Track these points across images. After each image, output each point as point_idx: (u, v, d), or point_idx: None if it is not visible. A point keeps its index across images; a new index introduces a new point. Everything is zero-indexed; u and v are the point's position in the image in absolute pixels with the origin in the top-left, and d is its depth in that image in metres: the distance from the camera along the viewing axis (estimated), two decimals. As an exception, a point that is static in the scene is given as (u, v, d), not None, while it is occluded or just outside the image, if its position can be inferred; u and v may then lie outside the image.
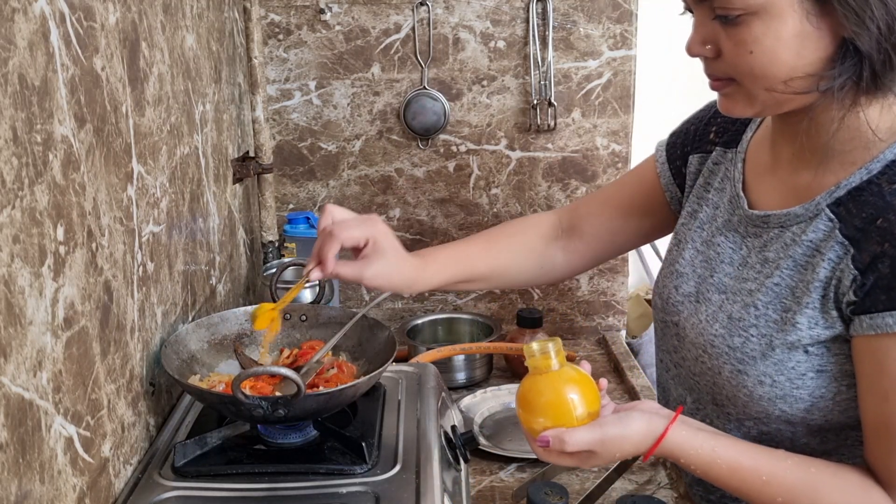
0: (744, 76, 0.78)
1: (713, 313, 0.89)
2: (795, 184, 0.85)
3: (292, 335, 1.06)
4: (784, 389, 0.82)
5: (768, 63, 0.75)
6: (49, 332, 0.65)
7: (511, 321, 1.63)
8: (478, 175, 1.65)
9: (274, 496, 0.79)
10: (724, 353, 0.86)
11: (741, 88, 0.79)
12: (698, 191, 0.98)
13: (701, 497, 1.00)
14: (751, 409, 0.85)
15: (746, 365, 0.84)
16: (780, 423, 0.85)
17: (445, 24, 1.56)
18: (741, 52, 0.76)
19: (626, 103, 1.61)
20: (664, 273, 0.99)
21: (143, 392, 0.89)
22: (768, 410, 0.84)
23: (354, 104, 1.60)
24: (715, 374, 0.88)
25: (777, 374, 0.82)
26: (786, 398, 0.82)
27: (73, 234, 0.70)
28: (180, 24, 1.07)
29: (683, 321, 0.93)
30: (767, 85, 0.77)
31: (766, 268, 0.85)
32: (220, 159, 1.29)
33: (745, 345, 0.84)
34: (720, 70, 0.80)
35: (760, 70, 0.76)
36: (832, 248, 0.79)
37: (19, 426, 0.60)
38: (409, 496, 0.79)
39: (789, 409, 0.83)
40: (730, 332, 0.86)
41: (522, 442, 1.22)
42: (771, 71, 0.76)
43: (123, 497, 0.80)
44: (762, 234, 0.87)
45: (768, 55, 0.75)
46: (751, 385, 0.84)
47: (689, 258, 0.95)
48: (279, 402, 0.80)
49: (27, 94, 0.61)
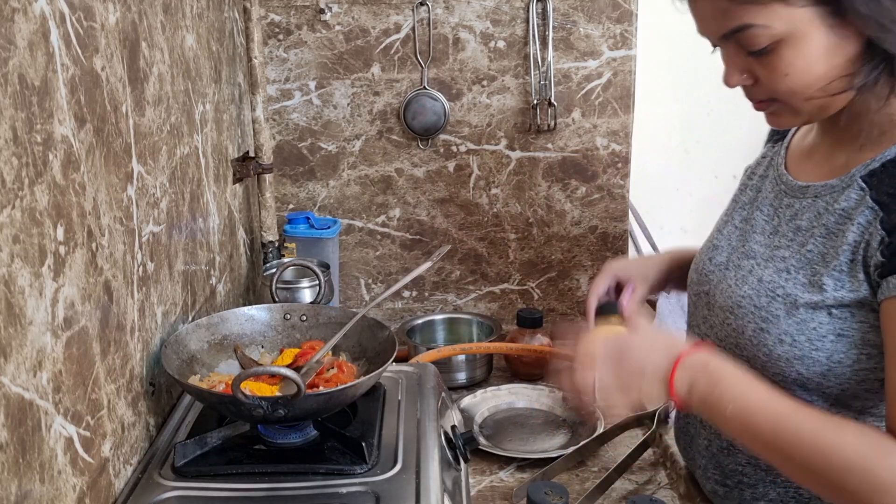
0: (784, 95, 0.82)
1: (743, 277, 0.92)
2: (833, 164, 0.89)
3: (292, 335, 1.06)
4: (803, 350, 0.84)
5: (805, 79, 0.80)
6: (49, 332, 0.65)
7: (511, 321, 1.63)
8: (478, 175, 1.65)
9: (274, 496, 0.79)
10: (749, 313, 0.89)
11: (784, 105, 0.84)
12: (745, 179, 1.04)
13: (716, 482, 0.99)
14: (768, 370, 0.86)
15: (769, 323, 0.86)
16: (795, 387, 0.85)
17: (445, 24, 1.56)
18: (777, 76, 0.80)
19: (626, 103, 1.61)
20: (702, 250, 1.04)
21: (143, 392, 0.89)
22: (785, 372, 0.85)
23: (354, 104, 1.60)
24: (738, 335, 0.90)
25: (798, 334, 0.84)
26: (803, 359, 0.84)
27: (73, 234, 0.70)
28: (180, 24, 1.07)
29: (713, 288, 0.97)
30: (807, 96, 0.81)
31: (799, 235, 0.88)
32: (220, 159, 1.29)
33: (771, 304, 0.86)
34: (761, 94, 0.85)
35: (799, 87, 0.80)
36: (862, 213, 0.81)
37: (19, 426, 0.60)
38: (409, 496, 0.79)
39: (806, 371, 0.84)
40: (757, 293, 0.88)
41: (522, 442, 1.22)
42: (808, 84, 0.80)
43: (123, 497, 0.80)
44: (794, 203, 0.91)
45: (803, 73, 0.79)
46: (771, 344, 0.86)
47: (727, 233, 1.00)
48: (279, 402, 0.80)
49: (27, 94, 0.61)
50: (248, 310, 1.06)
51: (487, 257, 1.70)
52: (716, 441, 0.99)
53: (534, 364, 1.44)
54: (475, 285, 1.72)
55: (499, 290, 1.72)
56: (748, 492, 0.95)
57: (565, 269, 1.70)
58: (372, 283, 1.71)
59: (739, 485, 0.96)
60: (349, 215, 1.67)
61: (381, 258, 1.70)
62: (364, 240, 1.69)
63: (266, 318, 1.06)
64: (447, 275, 1.71)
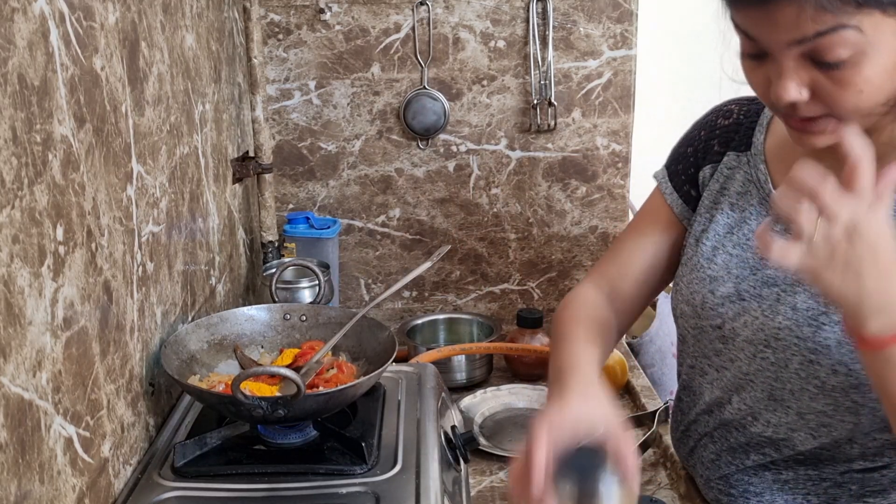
0: (847, 112, 0.74)
1: (771, 306, 0.87)
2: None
3: (292, 335, 1.06)
4: (860, 378, 0.80)
5: (877, 97, 0.73)
6: (49, 332, 0.65)
7: (511, 321, 1.63)
8: (478, 175, 1.65)
9: (274, 496, 0.79)
10: (791, 345, 0.84)
11: (837, 123, 0.75)
12: (713, 196, 0.96)
13: (720, 491, 0.97)
14: (818, 401, 0.83)
15: (819, 354, 0.82)
16: (844, 414, 0.83)
17: (445, 23, 1.56)
18: (850, 92, 0.72)
19: (626, 103, 1.61)
20: (690, 280, 0.96)
21: (142, 392, 0.89)
22: (839, 401, 0.82)
23: (354, 104, 1.60)
24: (780, 369, 0.86)
25: (852, 363, 0.80)
26: (860, 387, 0.81)
27: (73, 234, 0.70)
28: (180, 24, 1.07)
29: (729, 322, 0.91)
30: (867, 113, 0.74)
31: None
32: (220, 159, 1.29)
33: (817, 334, 0.82)
34: (815, 110, 0.75)
35: (867, 104, 0.73)
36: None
37: (19, 426, 0.60)
38: (409, 496, 0.79)
39: (861, 399, 0.81)
40: (797, 324, 0.84)
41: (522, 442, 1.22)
42: (878, 102, 0.73)
43: (123, 497, 0.80)
44: None
45: (877, 89, 0.72)
46: (823, 375, 0.82)
47: (723, 262, 0.92)
48: (279, 402, 0.80)
49: (27, 93, 0.61)
50: (247, 310, 1.06)
51: (487, 257, 1.70)
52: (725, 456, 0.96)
53: (534, 364, 1.44)
54: (475, 285, 1.72)
55: (499, 290, 1.72)
56: (754, 500, 0.93)
57: (565, 269, 1.70)
58: (372, 284, 1.71)
59: (745, 493, 0.94)
60: (349, 215, 1.67)
61: (380, 258, 1.70)
62: (364, 240, 1.69)
63: (266, 318, 1.06)
64: (447, 275, 1.71)
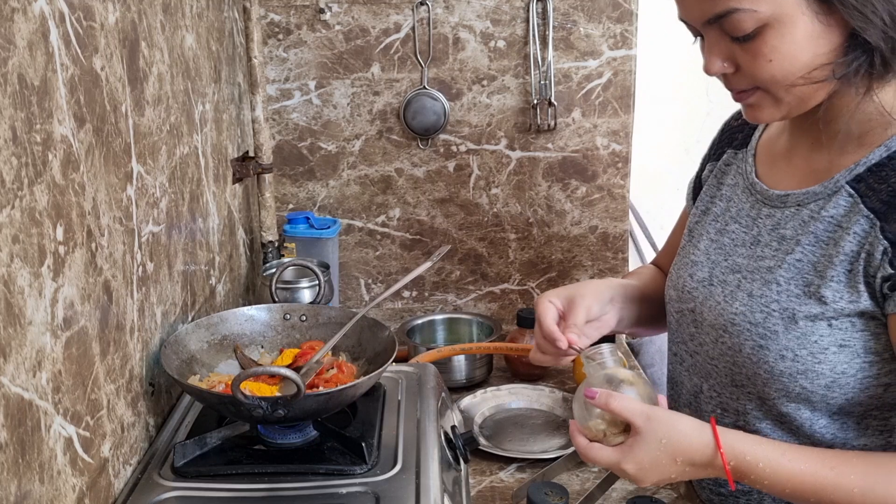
0: (766, 83, 0.80)
1: (731, 292, 0.90)
2: (813, 168, 0.87)
3: (292, 335, 1.06)
4: (805, 364, 0.83)
5: (788, 66, 0.78)
6: (48, 332, 0.65)
7: (511, 321, 1.63)
8: (478, 175, 1.65)
9: (274, 496, 0.79)
10: (745, 330, 0.87)
11: (766, 95, 0.82)
12: (710, 189, 1.01)
13: (711, 490, 0.99)
14: (770, 386, 0.85)
15: (768, 340, 0.85)
16: (799, 402, 0.85)
17: (445, 23, 1.56)
18: (761, 62, 0.78)
19: (626, 103, 1.61)
20: (678, 266, 1.01)
21: (142, 392, 0.89)
22: (788, 387, 0.84)
23: (354, 104, 1.60)
24: (735, 353, 0.88)
25: (799, 349, 0.83)
26: (807, 373, 0.83)
27: (73, 234, 0.70)
28: (180, 24, 1.07)
29: (699, 306, 0.94)
30: (789, 83, 0.79)
31: (785, 244, 0.86)
32: (220, 159, 1.29)
33: (767, 320, 0.85)
34: (742, 82, 0.82)
35: (781, 74, 0.78)
36: (857, 221, 0.80)
37: (19, 426, 0.60)
38: (409, 496, 0.79)
39: (810, 385, 0.83)
40: (750, 309, 0.87)
41: (522, 442, 1.22)
42: (791, 71, 0.78)
43: (123, 497, 0.80)
44: (775, 213, 0.89)
45: (787, 59, 0.77)
46: (772, 360, 0.84)
47: (704, 248, 0.97)
48: (279, 402, 0.80)
49: (27, 93, 0.61)
50: (247, 310, 1.06)
51: (487, 257, 1.70)
52: None
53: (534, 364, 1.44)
54: (475, 285, 1.72)
55: (499, 290, 1.72)
56: (743, 499, 0.95)
57: (565, 269, 1.70)
58: (372, 283, 1.71)
59: (734, 492, 0.96)
60: (349, 215, 1.67)
61: (380, 258, 1.70)
62: (364, 240, 1.69)
63: (266, 318, 1.06)
64: (447, 275, 1.71)
